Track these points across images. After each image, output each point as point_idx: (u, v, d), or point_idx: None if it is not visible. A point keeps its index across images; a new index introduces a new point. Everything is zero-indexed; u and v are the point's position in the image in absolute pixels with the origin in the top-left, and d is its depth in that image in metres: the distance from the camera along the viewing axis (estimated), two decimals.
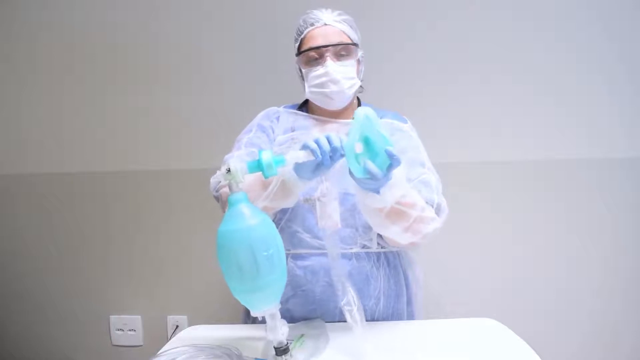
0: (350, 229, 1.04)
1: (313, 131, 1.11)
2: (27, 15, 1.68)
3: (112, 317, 1.75)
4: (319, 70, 1.07)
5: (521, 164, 1.59)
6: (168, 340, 1.05)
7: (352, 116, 0.82)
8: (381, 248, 1.08)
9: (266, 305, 0.77)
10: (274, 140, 1.12)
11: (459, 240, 1.58)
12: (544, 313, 1.62)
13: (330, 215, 0.97)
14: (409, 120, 1.17)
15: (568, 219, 1.61)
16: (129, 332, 1.75)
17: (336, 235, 0.93)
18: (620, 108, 1.57)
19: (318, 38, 1.07)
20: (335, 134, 0.83)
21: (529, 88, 1.57)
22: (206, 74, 1.64)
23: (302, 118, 1.15)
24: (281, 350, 0.78)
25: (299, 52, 1.11)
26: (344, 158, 0.83)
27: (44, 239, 1.76)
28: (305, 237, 1.04)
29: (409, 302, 1.13)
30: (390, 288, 1.09)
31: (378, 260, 1.07)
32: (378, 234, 1.05)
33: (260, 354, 0.88)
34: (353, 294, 0.87)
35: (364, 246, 1.06)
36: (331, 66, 1.05)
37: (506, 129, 1.58)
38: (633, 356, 1.63)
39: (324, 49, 1.06)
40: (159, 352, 0.84)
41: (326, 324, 1.02)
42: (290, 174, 0.87)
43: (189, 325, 1.49)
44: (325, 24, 1.09)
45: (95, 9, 1.65)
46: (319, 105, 1.12)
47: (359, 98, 1.21)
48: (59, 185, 1.73)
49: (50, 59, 1.69)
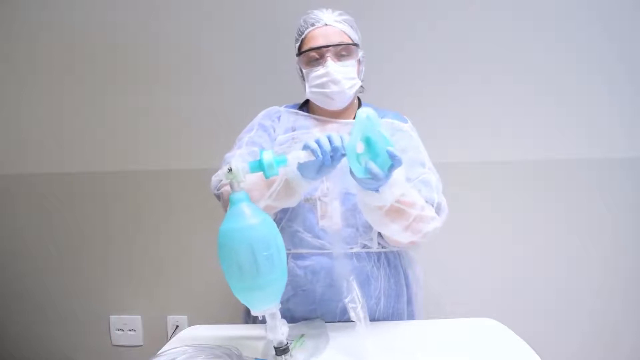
0: (351, 229, 1.04)
1: (314, 131, 1.11)
2: (27, 15, 1.68)
3: (112, 317, 1.75)
4: (319, 70, 1.07)
5: (521, 164, 1.59)
6: (168, 340, 1.05)
7: (353, 116, 0.82)
8: (382, 248, 1.07)
9: (266, 305, 0.77)
10: (275, 139, 1.12)
11: (459, 240, 1.58)
12: (544, 313, 1.62)
13: (331, 215, 0.97)
14: (409, 120, 1.17)
15: (568, 219, 1.61)
16: (129, 332, 1.74)
17: (339, 234, 0.93)
18: (620, 108, 1.58)
19: (319, 38, 1.07)
20: (336, 133, 0.83)
21: (529, 88, 1.57)
22: (206, 74, 1.64)
23: (303, 118, 1.15)
24: (281, 350, 0.78)
25: (300, 53, 1.11)
26: (345, 158, 0.83)
27: (44, 239, 1.76)
28: (306, 237, 1.04)
29: (410, 302, 1.13)
30: (391, 288, 1.09)
31: (378, 260, 1.07)
32: (378, 234, 1.05)
33: (260, 354, 0.88)
34: (358, 291, 0.87)
35: (364, 246, 1.06)
36: (332, 66, 1.05)
37: (506, 129, 1.58)
38: (633, 356, 1.63)
39: (325, 49, 1.06)
40: (159, 352, 0.84)
41: (326, 324, 1.02)
42: (295, 173, 0.87)
43: (189, 325, 1.49)
44: (326, 24, 1.09)
45: (95, 9, 1.65)
46: (319, 105, 1.12)
47: (360, 98, 1.21)
48: (59, 185, 1.73)
49: (50, 59, 1.69)
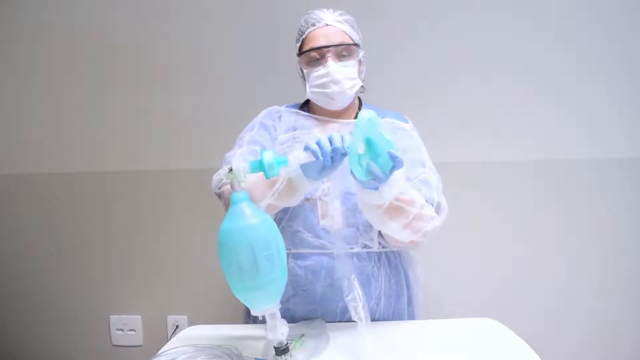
0: (352, 229, 1.04)
1: (314, 131, 1.11)
2: (27, 15, 1.68)
3: (112, 317, 1.75)
4: (320, 70, 1.07)
5: (521, 164, 1.59)
6: (168, 340, 1.04)
7: (354, 116, 0.82)
8: (382, 248, 1.07)
9: (266, 305, 0.77)
10: (276, 139, 1.12)
11: (459, 240, 1.58)
12: (544, 313, 1.62)
13: (332, 214, 0.97)
14: (410, 120, 1.17)
15: (568, 219, 1.61)
16: (129, 332, 1.74)
17: (339, 234, 0.93)
18: (620, 108, 1.58)
19: (319, 38, 1.07)
20: (337, 133, 0.83)
21: (529, 88, 1.57)
22: (206, 74, 1.64)
23: (304, 118, 1.15)
24: (281, 350, 0.78)
25: (301, 53, 1.11)
26: (346, 158, 0.83)
27: (44, 239, 1.75)
28: (307, 237, 1.04)
29: (410, 302, 1.13)
30: (391, 288, 1.09)
31: (379, 260, 1.07)
32: (379, 234, 1.05)
33: (260, 354, 0.88)
34: (359, 290, 0.87)
35: (365, 246, 1.06)
36: (332, 66, 1.05)
37: (506, 128, 1.58)
38: (633, 356, 1.63)
39: (326, 49, 1.06)
40: (159, 352, 0.84)
41: (327, 324, 1.02)
42: (298, 172, 0.87)
43: (189, 325, 1.49)
44: (327, 24, 1.08)
45: (95, 9, 1.65)
46: (320, 105, 1.12)
47: (360, 98, 1.21)
48: (59, 185, 1.73)
49: (50, 59, 1.69)
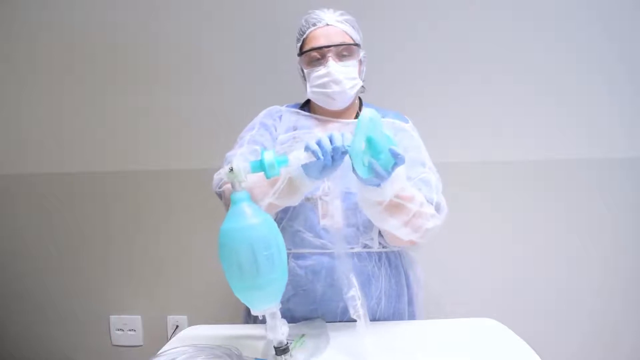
0: (352, 228, 1.04)
1: (315, 131, 1.11)
2: (27, 15, 1.67)
3: (112, 317, 1.75)
4: (321, 70, 1.07)
5: (521, 164, 1.59)
6: (168, 340, 1.05)
7: (354, 116, 0.82)
8: (383, 248, 1.07)
9: (266, 304, 0.77)
10: (276, 138, 1.12)
11: (459, 240, 1.58)
12: (544, 313, 1.62)
13: (332, 214, 0.97)
14: (410, 120, 1.17)
15: (568, 219, 1.61)
16: (129, 332, 1.74)
17: (339, 233, 0.93)
18: (620, 108, 1.58)
19: (320, 38, 1.07)
20: (338, 133, 0.83)
21: (529, 88, 1.57)
22: (206, 74, 1.64)
23: (304, 118, 1.15)
24: (281, 350, 0.78)
25: (301, 52, 1.11)
26: (346, 157, 0.83)
27: (44, 239, 1.75)
28: (307, 237, 1.04)
29: (410, 302, 1.13)
30: (392, 288, 1.09)
31: (379, 260, 1.07)
32: (379, 234, 1.06)
33: (260, 354, 0.88)
34: (357, 288, 0.87)
35: (365, 246, 1.06)
36: (333, 66, 1.05)
37: (506, 129, 1.58)
38: (633, 356, 1.63)
39: (326, 49, 1.06)
40: (159, 352, 0.84)
41: (327, 324, 1.02)
42: (299, 171, 0.87)
43: (189, 325, 1.49)
44: (328, 24, 1.08)
45: (95, 9, 1.64)
46: (320, 105, 1.12)
47: (361, 98, 1.21)
48: (59, 185, 1.73)
49: (50, 59, 1.69)
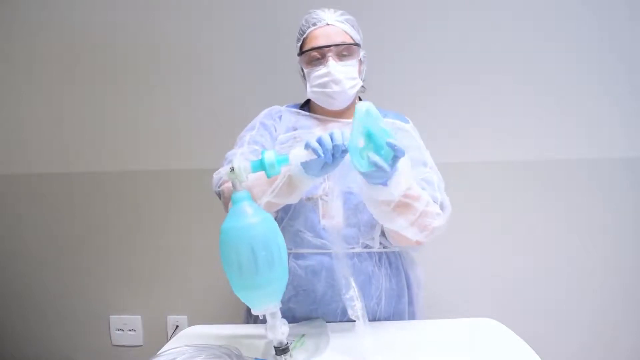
0: (353, 229, 1.04)
1: (315, 131, 1.11)
2: (27, 15, 1.68)
3: (112, 317, 1.75)
4: (321, 70, 1.06)
5: (521, 164, 1.59)
6: (168, 340, 1.05)
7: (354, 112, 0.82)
8: (383, 248, 1.08)
9: (266, 304, 0.77)
10: (276, 138, 1.11)
11: (459, 240, 1.58)
12: (544, 313, 1.62)
13: (333, 214, 0.96)
14: (410, 121, 1.17)
15: (568, 219, 1.61)
16: (129, 332, 1.74)
17: (340, 233, 0.93)
18: (620, 108, 1.58)
19: (320, 38, 1.07)
20: (338, 130, 0.83)
21: (529, 88, 1.57)
22: (206, 74, 1.64)
23: (304, 118, 1.15)
24: (281, 349, 0.78)
25: (301, 52, 1.11)
26: (347, 156, 0.83)
27: (44, 239, 1.75)
28: (308, 236, 1.04)
29: (410, 303, 1.13)
30: (392, 288, 1.08)
31: (380, 260, 1.07)
32: (381, 234, 1.06)
33: (260, 354, 0.88)
34: (355, 287, 0.87)
35: (366, 246, 1.06)
36: (333, 66, 1.05)
37: (506, 129, 1.58)
38: (633, 356, 1.63)
39: (326, 49, 1.06)
40: (159, 352, 0.84)
41: (327, 324, 1.02)
42: (298, 169, 0.87)
43: (189, 325, 1.48)
44: (328, 24, 1.08)
45: (95, 9, 1.65)
46: (320, 105, 1.12)
47: (361, 98, 1.21)
48: (59, 185, 1.73)
49: (50, 59, 1.69)
